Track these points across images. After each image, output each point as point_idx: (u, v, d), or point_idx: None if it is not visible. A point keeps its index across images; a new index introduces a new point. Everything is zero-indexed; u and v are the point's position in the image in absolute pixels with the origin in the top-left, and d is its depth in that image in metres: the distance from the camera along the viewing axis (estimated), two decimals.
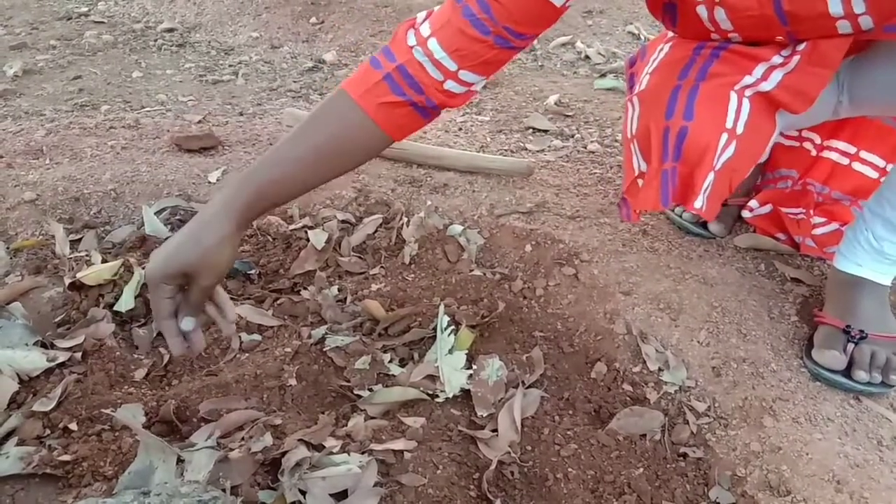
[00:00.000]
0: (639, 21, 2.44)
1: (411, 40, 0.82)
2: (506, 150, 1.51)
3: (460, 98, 0.86)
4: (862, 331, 0.96)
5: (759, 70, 0.86)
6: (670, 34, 1.00)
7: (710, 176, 0.87)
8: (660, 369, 0.96)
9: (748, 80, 0.86)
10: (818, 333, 0.99)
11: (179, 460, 0.76)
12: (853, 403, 0.93)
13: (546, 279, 1.10)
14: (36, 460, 0.75)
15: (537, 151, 1.51)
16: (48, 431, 0.82)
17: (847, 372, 0.94)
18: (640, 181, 0.91)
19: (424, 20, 0.82)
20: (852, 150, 1.09)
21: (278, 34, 2.32)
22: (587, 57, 2.16)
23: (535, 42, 2.23)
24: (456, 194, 1.29)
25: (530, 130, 1.63)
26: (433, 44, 0.80)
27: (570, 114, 1.73)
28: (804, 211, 1.11)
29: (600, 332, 1.02)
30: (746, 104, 0.86)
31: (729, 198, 0.98)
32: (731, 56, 0.89)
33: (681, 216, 1.20)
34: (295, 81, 1.97)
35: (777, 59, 0.85)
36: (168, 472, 0.74)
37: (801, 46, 0.83)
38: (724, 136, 0.85)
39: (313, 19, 2.37)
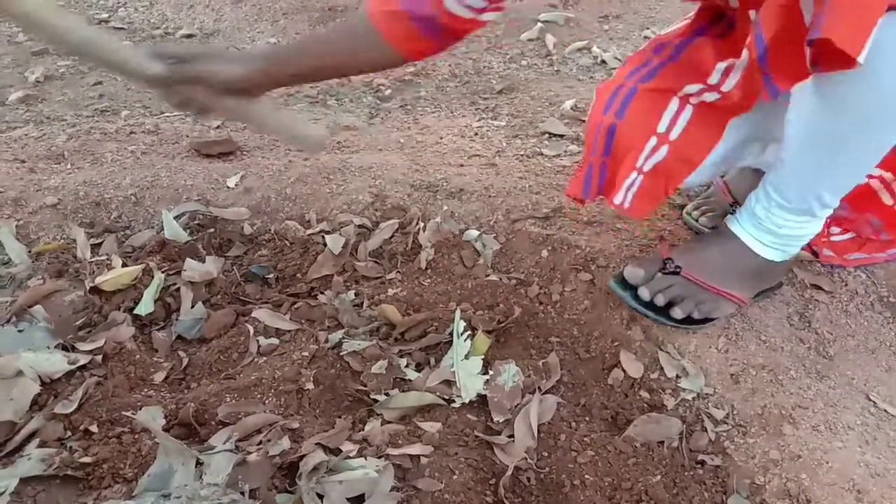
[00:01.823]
0: (655, 26, 2.43)
1: None
2: (521, 155, 1.51)
3: (465, 24, 0.88)
4: (677, 266, 0.97)
5: (714, 77, 0.88)
6: (670, 27, 1.04)
7: (634, 175, 0.92)
8: (677, 376, 0.96)
9: (692, 88, 0.89)
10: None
11: (198, 463, 0.77)
12: (874, 412, 0.92)
13: (562, 285, 1.10)
14: (57, 462, 0.76)
15: (553, 156, 1.51)
16: (69, 433, 0.83)
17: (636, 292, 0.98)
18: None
19: None
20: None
21: (295, 40, 2.34)
22: (603, 62, 2.16)
23: (552, 47, 2.23)
24: (472, 199, 1.29)
25: (546, 135, 1.63)
26: None
27: (585, 119, 1.72)
28: None
29: (617, 338, 1.01)
30: (688, 111, 0.90)
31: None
32: (685, 61, 0.93)
33: (697, 220, 1.19)
34: (312, 87, 1.98)
35: (722, 66, 0.86)
36: (187, 475, 0.75)
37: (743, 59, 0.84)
38: (653, 140, 0.90)
39: (330, 25, 2.38)
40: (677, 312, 0.97)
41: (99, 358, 0.94)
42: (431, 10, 0.86)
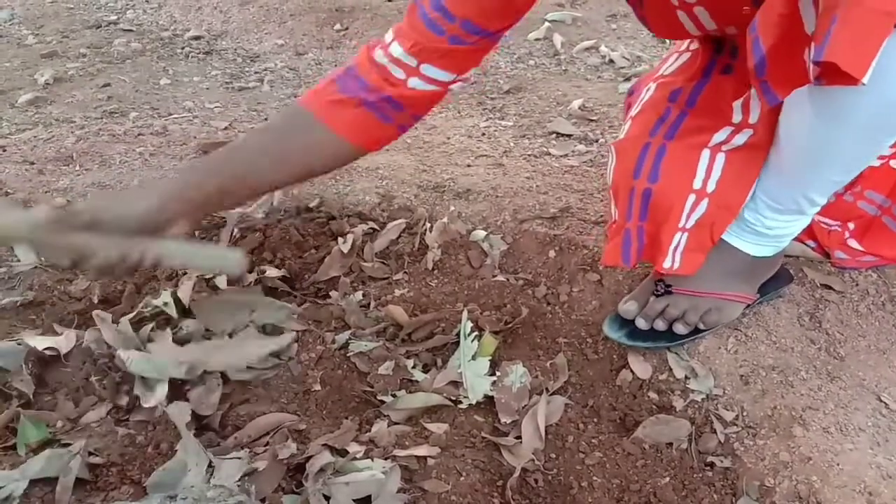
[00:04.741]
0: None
1: (374, 49, 0.85)
2: (529, 155, 1.50)
3: (428, 97, 0.85)
4: (668, 285, 0.95)
5: (736, 117, 0.87)
6: (667, 63, 1.01)
7: (679, 236, 0.89)
8: (686, 377, 0.95)
9: (720, 136, 0.87)
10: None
11: (210, 465, 0.77)
12: (885, 413, 0.91)
13: (570, 285, 1.09)
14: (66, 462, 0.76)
15: (561, 156, 1.50)
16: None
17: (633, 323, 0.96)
18: (613, 227, 0.94)
19: (389, 31, 0.86)
20: None
21: (303, 41, 2.35)
22: (611, 61, 2.15)
23: (559, 46, 2.22)
24: (479, 200, 1.29)
25: (554, 135, 1.63)
26: (394, 46, 0.83)
27: (594, 118, 1.72)
28: (839, 223, 1.08)
29: None
30: (720, 160, 0.87)
31: None
32: (704, 107, 0.90)
33: None
34: None
35: (738, 103, 0.85)
36: (198, 476, 0.75)
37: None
38: (692, 197, 0.88)
39: (337, 26, 2.39)
40: (680, 328, 0.95)
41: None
42: (387, 92, 0.82)
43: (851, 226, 1.06)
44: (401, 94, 0.83)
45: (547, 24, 2.34)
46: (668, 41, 2.30)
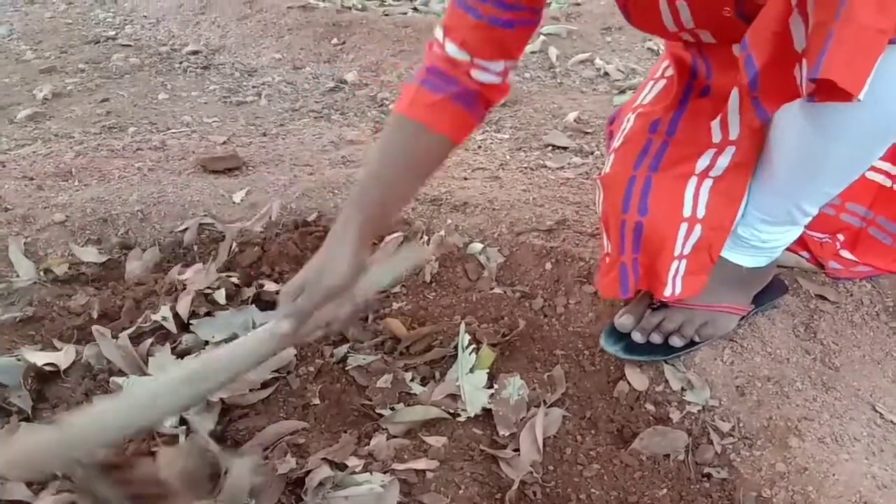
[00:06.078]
0: (657, 38, 2.44)
1: (436, 48, 0.88)
2: (525, 168, 1.52)
3: (494, 87, 0.89)
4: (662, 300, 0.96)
5: (716, 136, 0.88)
6: (644, 92, 1.03)
7: (676, 264, 0.91)
8: (683, 389, 0.96)
9: (704, 162, 0.89)
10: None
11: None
12: (880, 423, 0.91)
13: (567, 297, 1.10)
14: None
15: (557, 169, 1.52)
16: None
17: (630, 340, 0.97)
18: (607, 259, 0.96)
19: (438, 29, 0.88)
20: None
21: (300, 55, 2.36)
22: (606, 74, 2.17)
23: (555, 59, 2.24)
24: (476, 212, 1.30)
25: (549, 148, 1.64)
26: (448, 45, 0.87)
27: (589, 131, 1.73)
28: (829, 236, 1.09)
29: None
30: (706, 186, 0.89)
31: None
32: (684, 134, 0.91)
33: None
34: (317, 102, 2.00)
35: (716, 122, 0.87)
36: None
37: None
38: (684, 226, 0.89)
39: (335, 40, 2.40)
40: (676, 341, 0.96)
41: None
42: (466, 85, 0.87)
43: (841, 237, 1.07)
44: (474, 88, 0.87)
45: (542, 37, 2.36)
46: (661, 53, 2.32)
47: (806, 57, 0.65)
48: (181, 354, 0.97)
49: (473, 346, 0.99)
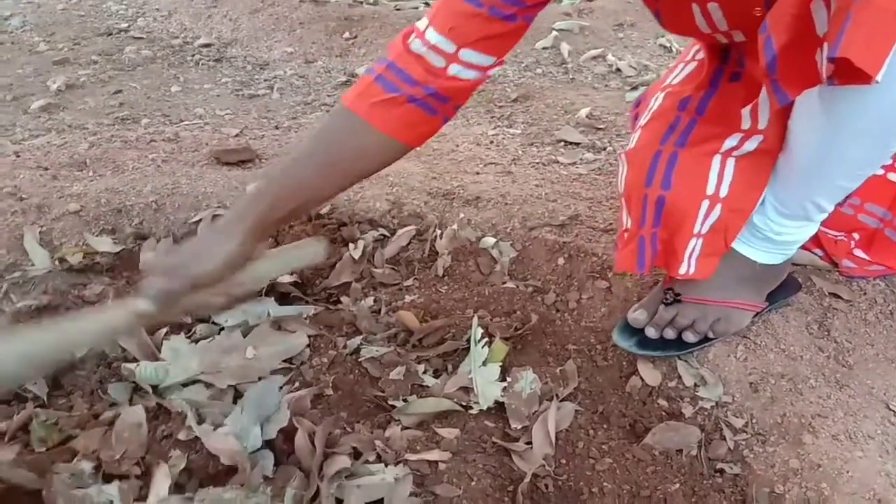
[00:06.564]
0: (670, 34, 2.43)
1: (409, 38, 0.83)
2: (537, 163, 1.51)
3: (469, 85, 0.84)
4: (677, 294, 0.95)
5: (745, 123, 0.87)
6: (674, 73, 1.01)
7: (694, 242, 0.90)
8: (696, 384, 0.95)
9: (731, 142, 0.88)
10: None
11: None
12: (894, 421, 0.91)
13: (579, 292, 1.10)
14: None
15: (569, 164, 1.51)
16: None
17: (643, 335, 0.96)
18: (625, 235, 0.95)
19: (423, 18, 0.84)
20: None
21: (312, 49, 2.36)
22: (618, 70, 2.16)
23: (567, 55, 2.24)
24: (488, 207, 1.30)
25: (562, 143, 1.64)
26: (430, 32, 0.81)
27: (601, 126, 1.73)
28: (844, 234, 1.09)
29: None
30: (731, 165, 0.88)
31: None
32: (713, 114, 0.90)
33: None
34: (329, 95, 2.00)
35: (747, 110, 0.86)
36: None
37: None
38: (706, 203, 0.89)
39: (346, 34, 2.41)
40: (689, 337, 0.96)
41: None
42: (432, 85, 0.82)
43: (856, 236, 1.07)
44: (443, 86, 0.82)
45: (554, 33, 2.36)
46: (673, 50, 2.32)
47: (826, 40, 0.65)
48: (196, 342, 0.97)
49: (486, 339, 0.99)
